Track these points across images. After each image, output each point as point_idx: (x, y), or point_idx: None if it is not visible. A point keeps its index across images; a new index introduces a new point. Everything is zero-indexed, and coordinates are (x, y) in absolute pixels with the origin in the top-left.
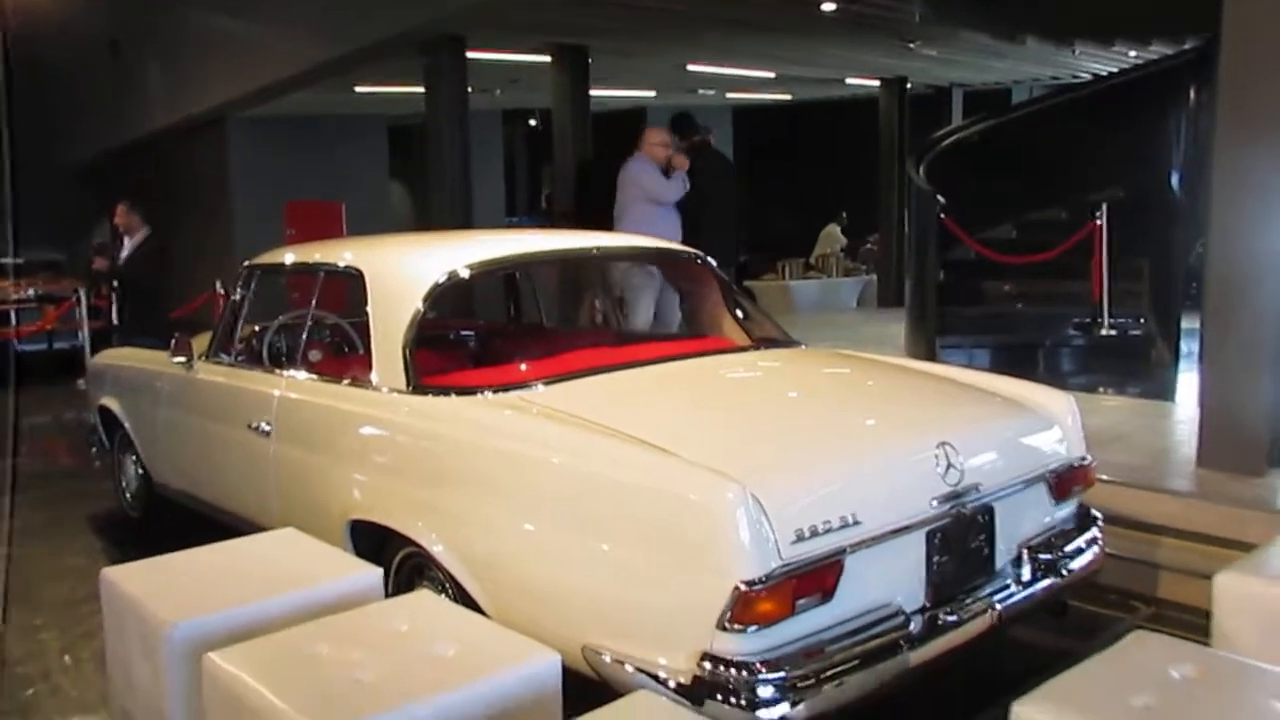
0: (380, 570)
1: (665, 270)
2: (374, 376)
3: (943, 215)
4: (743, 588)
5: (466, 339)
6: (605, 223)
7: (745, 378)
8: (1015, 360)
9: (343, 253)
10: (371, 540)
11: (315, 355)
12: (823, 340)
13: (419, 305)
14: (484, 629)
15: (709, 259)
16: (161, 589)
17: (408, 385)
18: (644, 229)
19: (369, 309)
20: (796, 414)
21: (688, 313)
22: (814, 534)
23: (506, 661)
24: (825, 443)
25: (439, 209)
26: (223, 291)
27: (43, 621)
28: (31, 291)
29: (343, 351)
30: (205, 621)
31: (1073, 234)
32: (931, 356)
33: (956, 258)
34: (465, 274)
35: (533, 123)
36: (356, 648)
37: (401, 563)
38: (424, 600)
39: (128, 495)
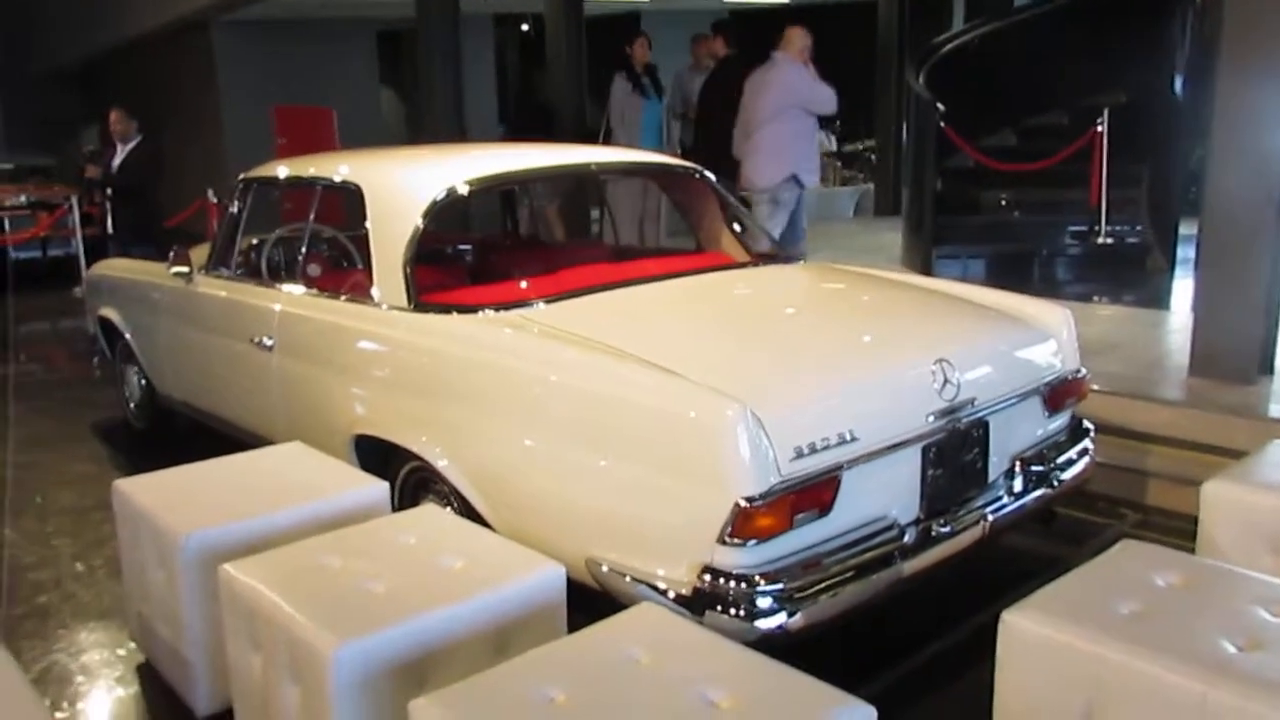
0: (386, 484)
1: (663, 186)
2: (375, 293)
3: (942, 123)
4: (743, 504)
5: (465, 254)
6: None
7: (744, 295)
8: (1012, 269)
9: (340, 167)
10: (376, 455)
11: (315, 270)
12: (818, 252)
13: (419, 222)
14: (490, 542)
15: (708, 173)
16: (174, 501)
17: (409, 303)
18: (798, 144)
19: (368, 225)
20: (795, 331)
21: (688, 229)
22: (812, 451)
23: (512, 573)
24: (823, 360)
25: (431, 116)
26: (215, 200)
27: (54, 529)
28: (23, 198)
29: (342, 266)
30: (218, 532)
31: (1074, 141)
32: (928, 266)
33: (955, 166)
34: (465, 190)
35: (525, 28)
36: (367, 560)
37: (407, 477)
38: (431, 514)
39: (132, 406)
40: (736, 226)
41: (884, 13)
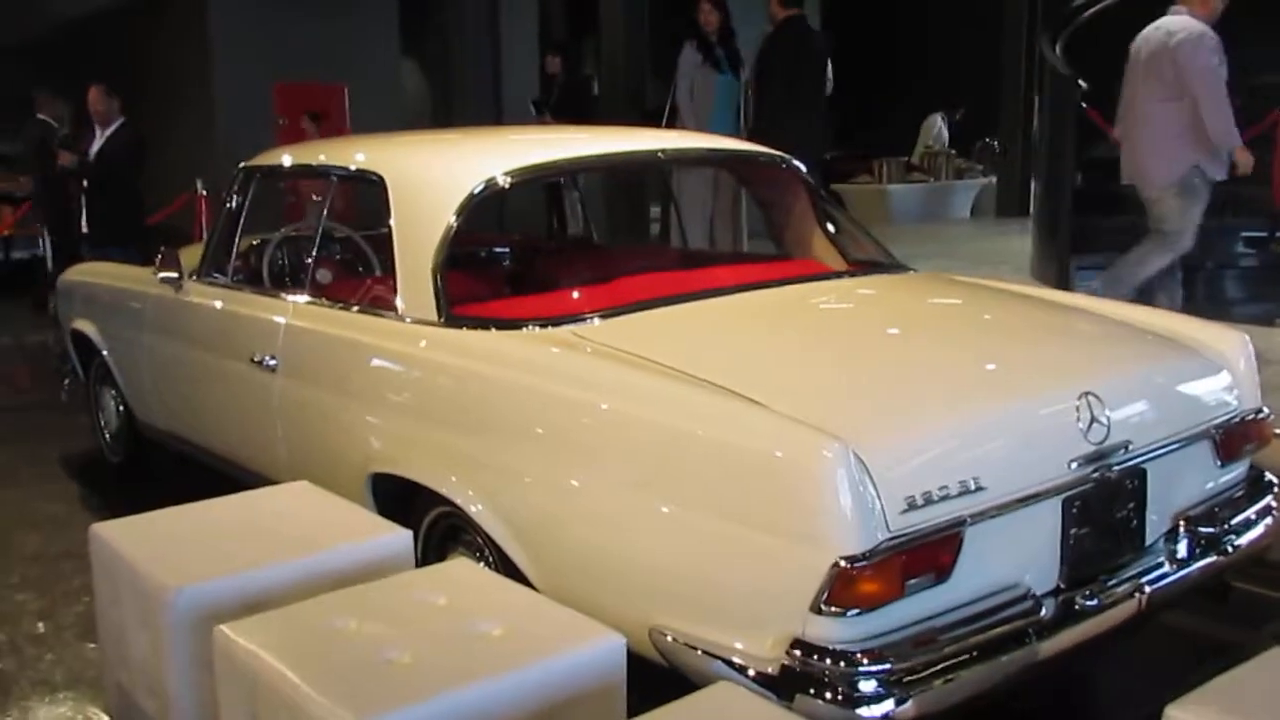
0: (409, 533)
1: (742, 178)
2: (399, 304)
3: (1083, 104)
4: (843, 564)
5: (503, 258)
6: None
7: (842, 311)
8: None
9: (358, 154)
10: (396, 497)
11: (327, 276)
12: (930, 259)
13: (451, 220)
14: (534, 604)
15: (795, 163)
16: (161, 549)
17: (439, 316)
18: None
19: (391, 223)
20: (906, 356)
21: (769, 229)
22: (928, 501)
23: (562, 643)
24: (942, 391)
25: (461, 93)
26: (204, 192)
27: (19, 579)
28: None
29: (359, 272)
30: (213, 587)
31: (1249, 126)
32: (1064, 279)
33: (1098, 156)
34: (505, 182)
35: None
36: (388, 623)
37: (433, 525)
38: (463, 569)
39: (107, 436)
40: (831, 227)
41: None
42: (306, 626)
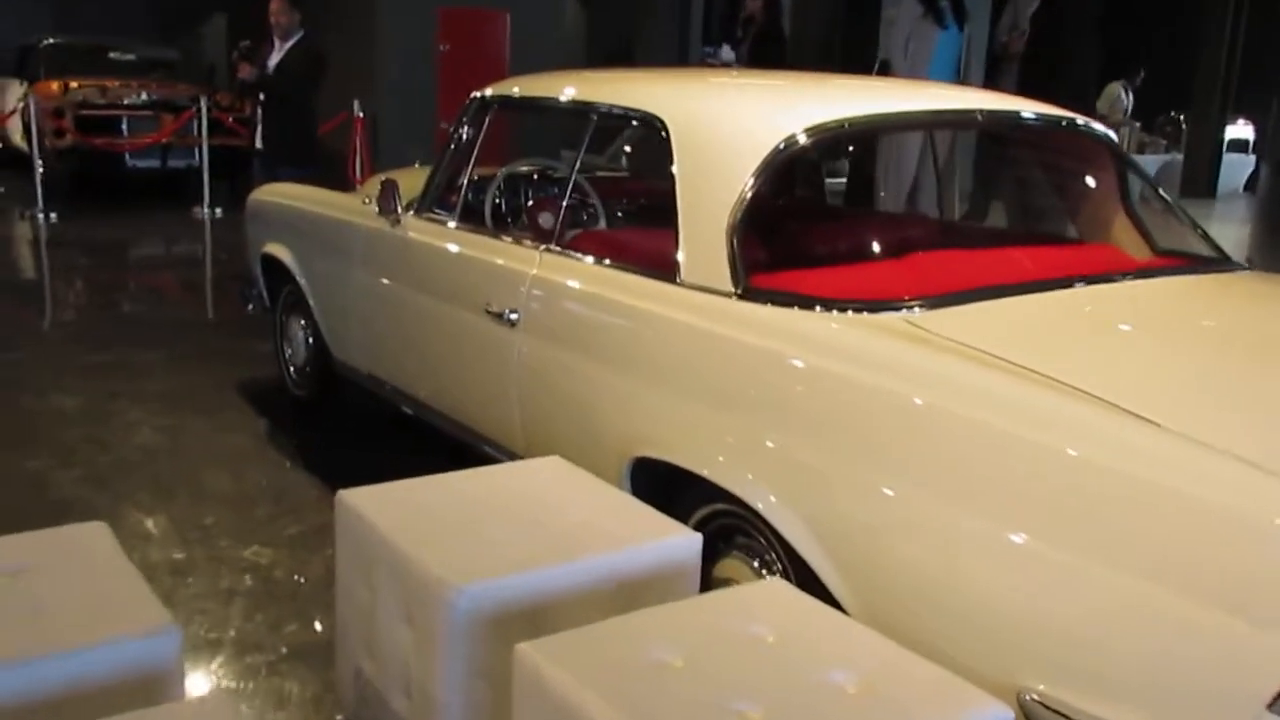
0: (699, 536)
1: (1041, 148)
2: (683, 269)
3: None
4: None
5: (796, 223)
6: None
7: (1216, 318)
8: None
9: (631, 90)
10: (655, 486)
11: (586, 225)
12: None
13: (751, 179)
14: (886, 651)
15: (1110, 133)
16: (424, 532)
17: (735, 287)
18: None
19: (675, 174)
20: None
21: (1071, 212)
22: None
23: (941, 709)
24: None
25: (644, 32)
26: (360, 114)
27: (213, 520)
28: (144, 95)
29: (621, 223)
30: (496, 587)
31: None
32: None
33: None
34: (808, 140)
35: None
36: (718, 659)
37: (702, 523)
38: (779, 594)
39: (292, 371)
40: (1159, 216)
41: None
42: (619, 655)
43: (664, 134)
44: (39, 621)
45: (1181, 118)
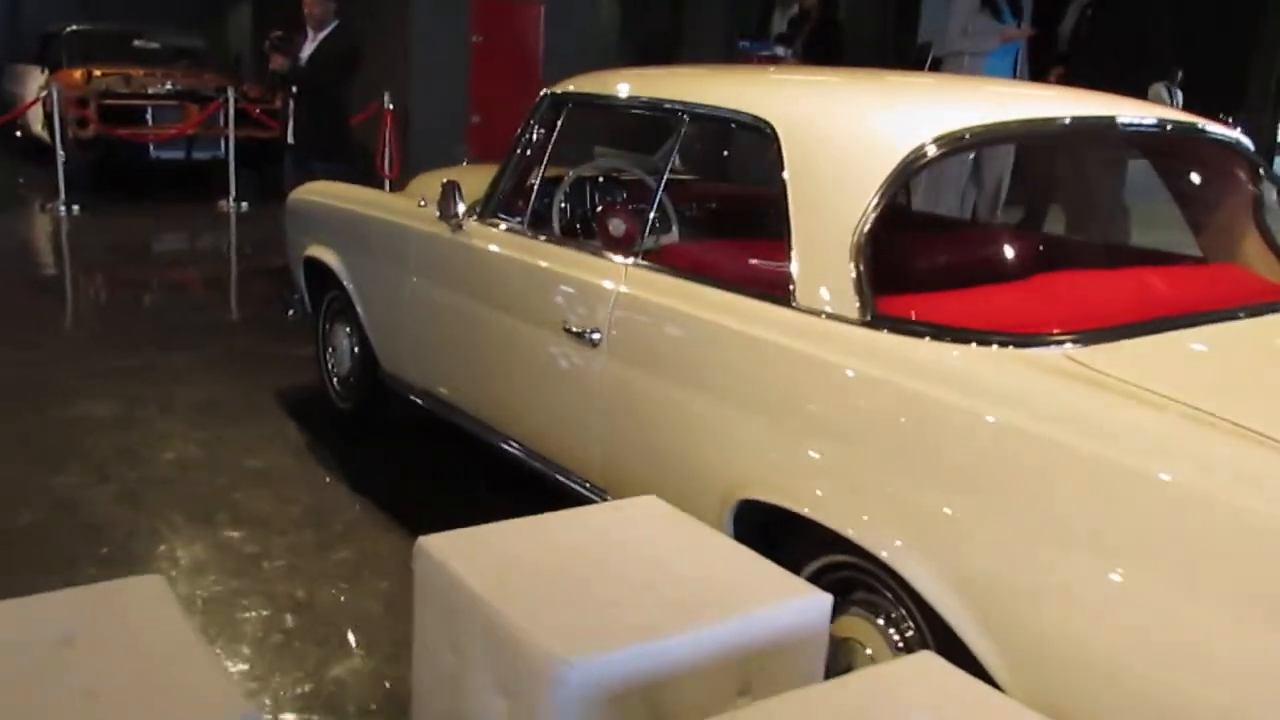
0: (829, 597)
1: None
2: (798, 291)
3: None
4: None
5: (914, 240)
6: None
7: None
8: None
9: (732, 90)
10: (760, 531)
11: (675, 237)
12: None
13: (877, 193)
14: None
15: (1248, 145)
16: (523, 590)
17: (862, 313)
18: None
19: (787, 184)
20: None
21: (1198, 226)
22: None
23: None
24: None
25: (689, 27)
26: (390, 107)
27: (258, 549)
28: (170, 85)
29: (719, 237)
30: (609, 662)
31: None
32: None
33: None
34: (938, 150)
35: None
36: None
37: (815, 575)
38: (934, 671)
39: (335, 381)
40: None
41: None
42: None
43: (773, 140)
44: (95, 708)
45: (1230, 119)
